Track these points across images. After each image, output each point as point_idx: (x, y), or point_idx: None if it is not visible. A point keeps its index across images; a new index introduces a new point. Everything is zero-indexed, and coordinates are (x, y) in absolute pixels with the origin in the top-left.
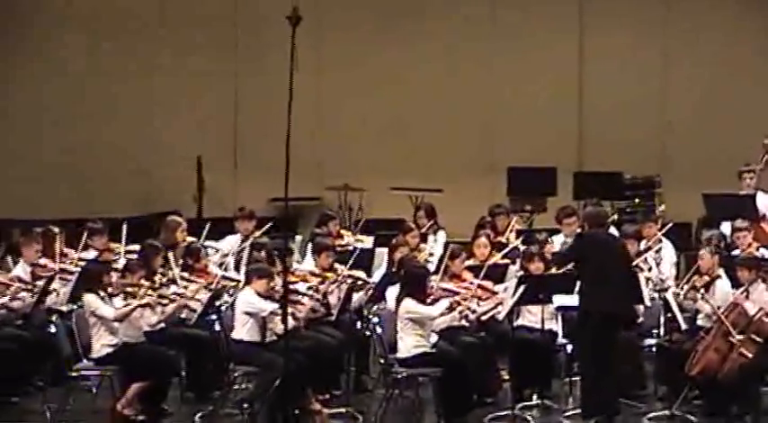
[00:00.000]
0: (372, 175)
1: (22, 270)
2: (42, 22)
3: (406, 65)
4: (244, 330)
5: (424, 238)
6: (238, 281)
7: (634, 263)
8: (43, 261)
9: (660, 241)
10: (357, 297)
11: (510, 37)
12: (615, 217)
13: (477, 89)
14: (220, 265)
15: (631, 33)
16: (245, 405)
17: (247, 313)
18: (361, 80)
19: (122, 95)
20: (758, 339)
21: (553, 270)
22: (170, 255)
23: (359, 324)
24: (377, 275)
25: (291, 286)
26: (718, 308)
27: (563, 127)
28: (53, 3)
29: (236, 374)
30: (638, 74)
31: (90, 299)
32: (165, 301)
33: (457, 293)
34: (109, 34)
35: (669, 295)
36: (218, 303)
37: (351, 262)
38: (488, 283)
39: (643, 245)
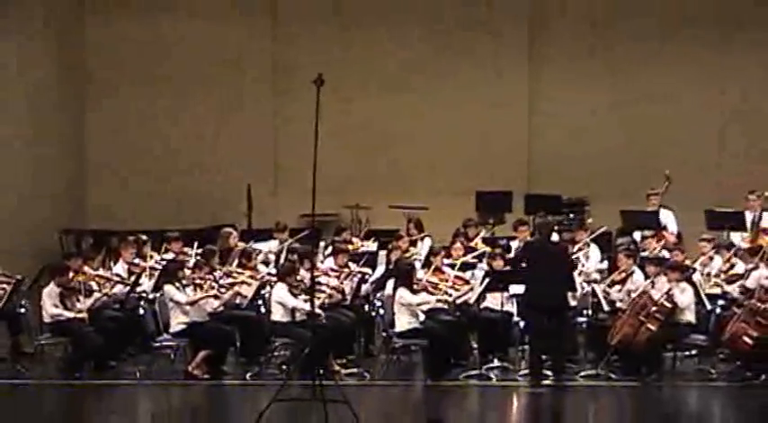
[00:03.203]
0: (376, 196)
1: (121, 268)
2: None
3: (397, 118)
4: (279, 314)
5: (413, 244)
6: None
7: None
8: (137, 261)
9: (588, 245)
10: (365, 287)
11: (472, 92)
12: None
13: (454, 134)
14: (266, 264)
15: (577, 89)
16: (284, 367)
17: (279, 303)
18: (369, 130)
19: (195, 144)
20: (661, 317)
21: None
22: (227, 256)
23: (366, 307)
24: (379, 271)
25: (316, 279)
26: (631, 293)
27: (517, 162)
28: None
29: (276, 344)
30: (571, 121)
31: (169, 288)
32: (223, 290)
33: (438, 284)
34: (183, 90)
35: (596, 285)
36: (262, 292)
37: (360, 261)
38: (462, 275)
39: (576, 248)
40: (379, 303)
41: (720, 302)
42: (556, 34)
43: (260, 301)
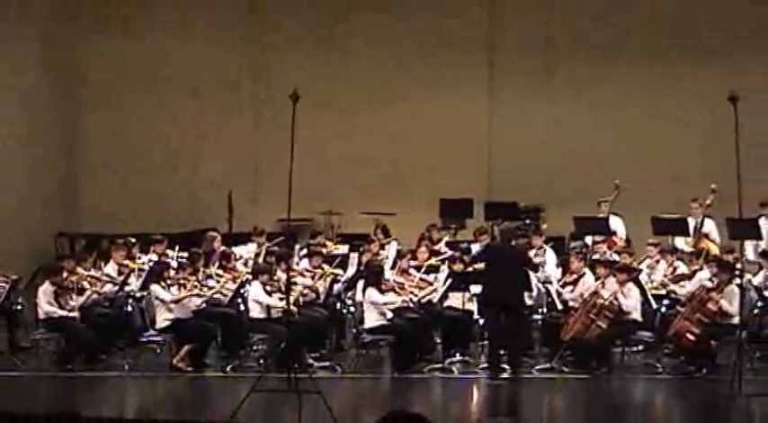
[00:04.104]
0: (348, 203)
1: (111, 268)
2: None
3: (369, 129)
4: (256, 311)
5: (382, 247)
6: None
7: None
8: (126, 262)
9: (544, 250)
10: (337, 287)
11: (436, 112)
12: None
13: (420, 147)
14: (245, 264)
15: (536, 102)
16: (261, 360)
17: (255, 301)
18: (342, 139)
19: (181, 154)
20: (610, 315)
21: (470, 267)
22: (210, 258)
23: (338, 305)
24: (350, 272)
25: (292, 279)
26: (582, 293)
27: (477, 171)
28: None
29: (254, 339)
30: (529, 133)
31: (155, 288)
32: (205, 290)
33: (404, 285)
34: (174, 100)
35: (550, 285)
36: (242, 291)
37: (333, 263)
38: (427, 277)
39: (532, 252)
40: (350, 302)
41: (665, 302)
42: (514, 49)
43: (239, 300)
